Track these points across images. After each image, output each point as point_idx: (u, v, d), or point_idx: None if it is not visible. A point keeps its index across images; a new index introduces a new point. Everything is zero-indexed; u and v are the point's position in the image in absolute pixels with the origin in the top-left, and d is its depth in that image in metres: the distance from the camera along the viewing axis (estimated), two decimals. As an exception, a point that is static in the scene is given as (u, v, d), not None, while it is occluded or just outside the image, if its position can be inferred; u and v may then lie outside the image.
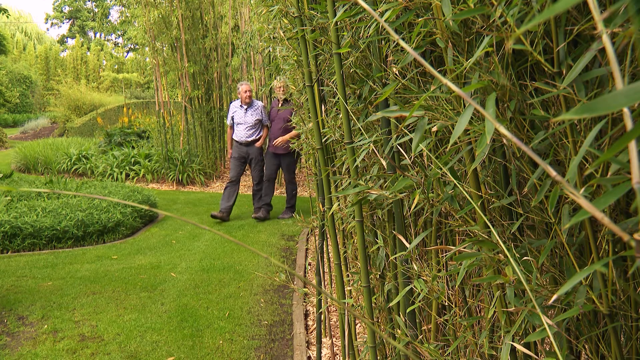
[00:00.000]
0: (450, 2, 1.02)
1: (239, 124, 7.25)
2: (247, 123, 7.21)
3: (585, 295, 0.98)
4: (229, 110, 7.45)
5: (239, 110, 7.26)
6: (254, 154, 7.29)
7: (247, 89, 7.19)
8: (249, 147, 7.28)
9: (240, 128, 7.25)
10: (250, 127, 7.22)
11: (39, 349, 3.49)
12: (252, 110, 7.23)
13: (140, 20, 11.45)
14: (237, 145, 7.33)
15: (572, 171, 0.73)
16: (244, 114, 7.21)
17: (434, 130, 1.18)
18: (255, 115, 7.22)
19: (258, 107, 7.27)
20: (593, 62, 1.00)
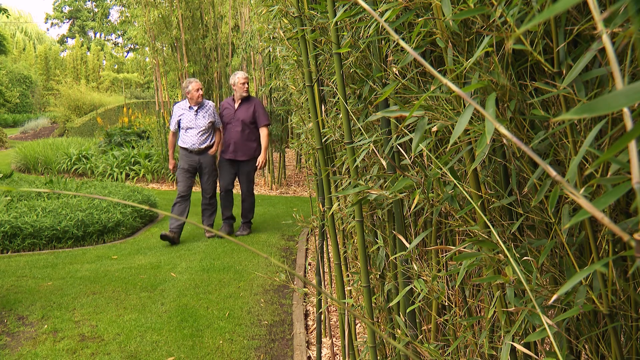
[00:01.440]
0: (450, 2, 1.02)
1: (189, 128, 6.13)
2: (199, 127, 6.13)
3: (585, 295, 0.98)
4: (173, 113, 6.28)
5: (188, 112, 6.14)
6: (207, 163, 6.27)
7: (199, 87, 6.14)
8: (202, 155, 6.23)
9: (191, 133, 6.13)
10: (202, 132, 6.16)
11: (39, 349, 3.49)
12: (203, 112, 6.16)
13: (140, 20, 11.45)
14: (186, 154, 6.20)
15: (572, 171, 0.73)
16: (195, 117, 6.11)
17: (434, 130, 1.18)
18: (208, 118, 6.16)
19: (210, 108, 6.25)
20: (593, 62, 1.00)
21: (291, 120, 7.65)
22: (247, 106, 6.31)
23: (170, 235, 6.07)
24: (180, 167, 6.24)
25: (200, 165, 6.25)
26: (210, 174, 6.32)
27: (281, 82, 6.23)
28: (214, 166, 6.34)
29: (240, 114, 6.26)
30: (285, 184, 10.45)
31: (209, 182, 6.35)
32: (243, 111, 6.27)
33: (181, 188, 6.23)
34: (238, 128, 6.23)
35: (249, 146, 6.30)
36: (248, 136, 6.30)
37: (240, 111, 6.28)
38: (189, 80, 6.19)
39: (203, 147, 6.21)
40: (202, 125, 6.14)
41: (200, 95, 6.13)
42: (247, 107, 6.30)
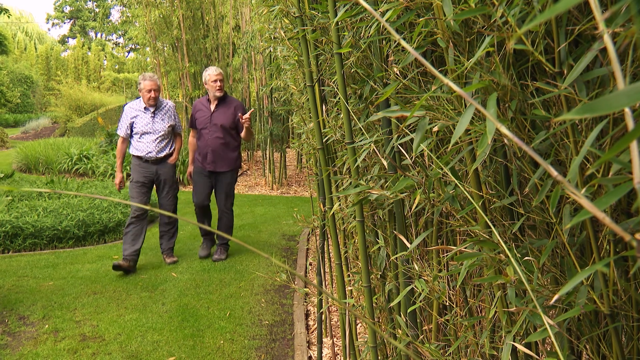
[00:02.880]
0: (452, 2, 1.02)
1: (145, 133, 5.06)
2: (157, 132, 5.07)
3: (586, 295, 0.98)
4: (123, 115, 5.16)
5: (143, 114, 5.06)
6: (166, 174, 5.20)
7: (153, 87, 4.99)
8: (159, 165, 5.15)
9: (147, 140, 5.07)
10: (161, 138, 5.11)
11: (40, 348, 3.49)
12: (161, 114, 5.12)
13: (141, 21, 11.46)
14: (140, 164, 5.12)
15: (573, 171, 0.73)
16: (151, 120, 5.06)
17: (435, 130, 1.18)
18: (167, 121, 5.14)
19: (169, 109, 5.21)
20: (594, 62, 1.00)
21: (292, 120, 7.62)
22: (226, 108, 5.26)
23: (125, 265, 4.95)
24: (134, 181, 5.12)
25: (157, 177, 5.17)
26: (170, 188, 5.26)
27: (282, 82, 6.20)
28: (174, 178, 5.30)
29: (218, 117, 5.24)
30: (286, 184, 10.45)
31: (168, 197, 5.26)
32: (221, 114, 5.25)
33: (135, 206, 5.02)
34: (217, 134, 5.22)
35: (230, 156, 5.32)
36: (228, 144, 5.28)
37: (217, 114, 5.24)
38: (143, 76, 5.06)
39: (162, 156, 5.14)
40: (161, 130, 5.08)
41: (151, 98, 4.99)
42: (225, 110, 5.26)
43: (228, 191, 5.40)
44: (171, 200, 5.30)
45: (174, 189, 5.32)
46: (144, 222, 5.13)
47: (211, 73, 5.21)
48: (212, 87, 5.20)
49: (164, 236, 5.40)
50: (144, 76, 5.08)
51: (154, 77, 5.06)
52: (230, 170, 5.35)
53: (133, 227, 5.08)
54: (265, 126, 10.10)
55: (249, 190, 10.21)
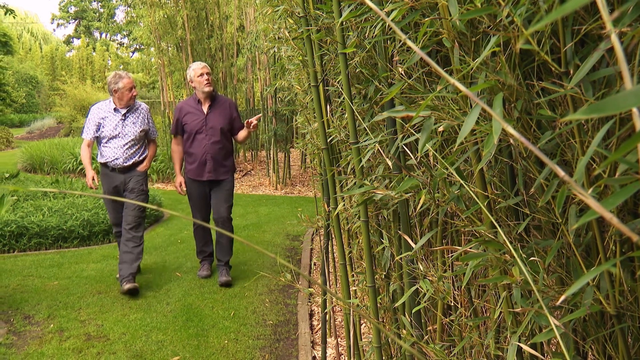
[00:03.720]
0: (457, 2, 1.01)
1: (113, 137, 4.46)
2: (127, 136, 4.48)
3: (592, 296, 0.98)
4: (89, 116, 4.55)
5: (112, 116, 4.47)
6: (135, 182, 4.57)
7: (132, 85, 4.48)
8: (127, 174, 4.55)
9: (114, 145, 4.47)
10: (131, 144, 4.50)
11: (45, 348, 3.50)
12: (133, 117, 4.53)
13: (146, 21, 11.49)
14: (107, 173, 4.55)
15: (579, 171, 0.73)
16: (121, 123, 4.46)
17: (440, 130, 1.18)
18: (140, 125, 4.53)
19: (142, 112, 4.62)
20: (600, 62, 0.99)
21: (296, 120, 7.62)
22: (221, 109, 4.69)
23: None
24: (106, 192, 4.67)
25: (125, 185, 4.58)
26: (136, 197, 4.58)
27: (286, 82, 6.18)
28: (141, 186, 4.61)
29: (215, 119, 4.62)
30: (290, 184, 10.46)
31: (133, 208, 4.51)
32: (217, 116, 4.64)
33: (112, 220, 4.73)
34: (215, 138, 4.62)
35: (229, 161, 4.80)
36: (227, 148, 4.75)
37: (213, 116, 4.63)
38: (119, 75, 4.46)
39: (129, 164, 4.53)
40: (132, 135, 4.48)
41: (133, 97, 4.49)
42: (221, 111, 4.69)
43: (229, 199, 4.82)
44: (136, 212, 4.48)
45: (142, 200, 4.58)
46: None
47: (196, 68, 4.56)
48: (200, 82, 4.55)
49: (126, 255, 4.46)
50: (119, 74, 4.45)
51: (130, 74, 4.55)
52: (230, 176, 4.81)
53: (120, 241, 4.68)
54: (269, 126, 10.10)
55: (252, 190, 10.22)
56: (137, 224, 4.55)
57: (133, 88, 4.50)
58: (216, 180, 4.73)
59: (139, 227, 4.56)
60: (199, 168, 4.67)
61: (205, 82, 4.55)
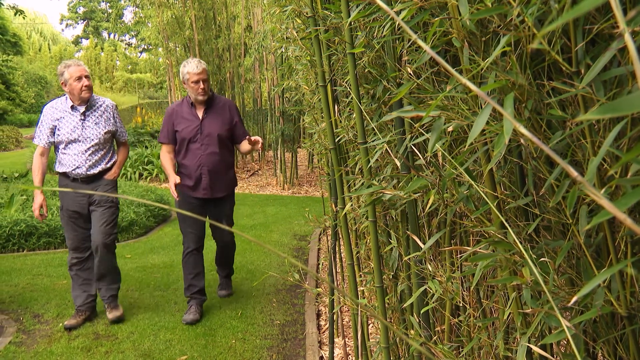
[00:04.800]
0: (467, 2, 1.01)
1: (72, 142, 3.68)
2: (89, 140, 3.70)
3: (603, 297, 0.97)
4: (42, 118, 3.75)
5: (69, 116, 3.70)
6: (102, 195, 3.74)
7: (83, 73, 3.68)
8: (94, 184, 3.77)
9: (74, 150, 3.69)
10: (95, 148, 3.73)
11: (54, 346, 3.53)
12: (95, 116, 3.76)
13: (154, 21, 11.54)
14: (68, 185, 3.78)
15: (591, 172, 0.72)
16: (81, 123, 3.69)
17: (450, 130, 1.18)
18: (104, 125, 3.78)
19: (107, 110, 3.84)
20: (611, 62, 0.99)
21: (303, 120, 7.62)
22: (219, 113, 3.93)
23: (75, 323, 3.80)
24: (64, 209, 3.78)
25: (91, 199, 3.78)
26: (106, 211, 3.78)
27: (293, 82, 6.18)
28: (113, 199, 3.85)
29: (212, 125, 3.86)
30: (297, 183, 10.46)
31: (103, 222, 3.76)
32: (214, 121, 3.88)
33: (73, 242, 3.80)
34: (212, 149, 3.86)
35: (229, 175, 4.04)
36: (226, 160, 3.99)
37: (210, 122, 3.87)
38: (66, 63, 3.71)
39: (95, 172, 3.75)
40: (94, 138, 3.71)
41: (85, 88, 3.65)
42: (218, 114, 3.92)
43: (230, 219, 4.19)
44: (108, 230, 3.76)
45: (112, 213, 3.81)
46: (88, 261, 3.88)
47: (191, 70, 3.76)
48: (194, 89, 3.80)
49: (103, 278, 3.87)
50: (65, 63, 3.69)
51: (81, 62, 3.77)
52: (231, 192, 4.11)
53: (77, 270, 3.86)
54: (276, 126, 10.12)
55: (260, 190, 10.24)
56: (111, 243, 3.81)
57: (84, 77, 3.65)
58: (213, 199, 3.99)
59: (112, 246, 3.84)
60: (193, 184, 3.91)
61: (199, 91, 3.79)
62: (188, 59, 3.88)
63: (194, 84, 3.77)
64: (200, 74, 3.77)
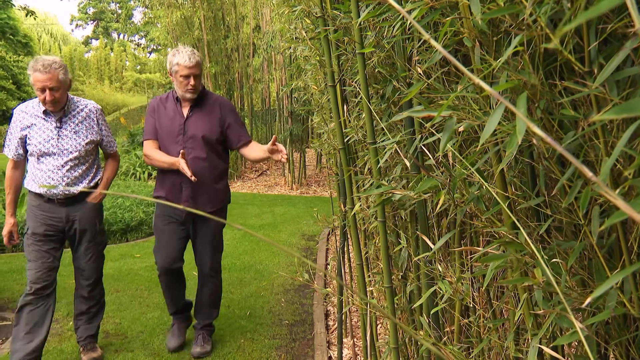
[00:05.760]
0: (479, 1, 1.01)
1: (46, 154, 3.03)
2: (67, 153, 3.05)
3: (616, 298, 0.97)
4: (11, 126, 3.09)
5: (43, 123, 3.04)
6: (86, 219, 3.20)
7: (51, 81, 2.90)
8: (74, 208, 3.15)
9: (49, 165, 3.04)
10: (74, 163, 3.09)
11: (64, 345, 3.55)
12: (74, 123, 3.11)
13: (163, 22, 11.59)
14: (40, 206, 3.11)
15: (605, 172, 0.72)
16: (57, 132, 3.04)
17: (460, 130, 1.17)
18: (85, 133, 3.14)
19: (90, 114, 3.20)
20: (625, 61, 0.98)
21: (312, 120, 7.61)
22: (207, 110, 3.29)
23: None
24: (30, 233, 3.11)
25: (70, 226, 3.17)
26: (92, 242, 3.24)
27: (302, 82, 6.18)
28: (98, 227, 3.30)
29: (197, 125, 3.24)
30: (305, 183, 10.47)
31: (89, 257, 3.26)
32: (201, 120, 3.25)
33: (34, 275, 3.07)
34: (196, 152, 3.21)
35: (219, 187, 3.34)
36: (215, 167, 3.29)
37: (195, 121, 3.24)
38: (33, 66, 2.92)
39: (76, 193, 3.15)
40: (74, 150, 3.07)
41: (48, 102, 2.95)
42: (206, 112, 3.28)
43: (216, 242, 3.42)
44: (94, 262, 3.28)
45: (98, 243, 3.28)
46: (48, 300, 3.12)
47: (182, 62, 3.11)
48: (182, 84, 3.17)
49: (81, 317, 3.36)
50: (33, 65, 2.92)
51: (51, 64, 2.91)
52: (219, 209, 3.36)
53: (30, 311, 3.05)
54: (285, 126, 10.13)
55: (268, 190, 10.26)
56: (95, 280, 3.31)
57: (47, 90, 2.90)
58: (197, 216, 3.31)
59: (96, 284, 3.34)
60: (173, 194, 3.25)
61: (189, 88, 3.17)
62: (179, 47, 3.22)
63: (183, 78, 3.14)
64: (192, 67, 3.13)
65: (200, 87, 3.24)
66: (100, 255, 3.37)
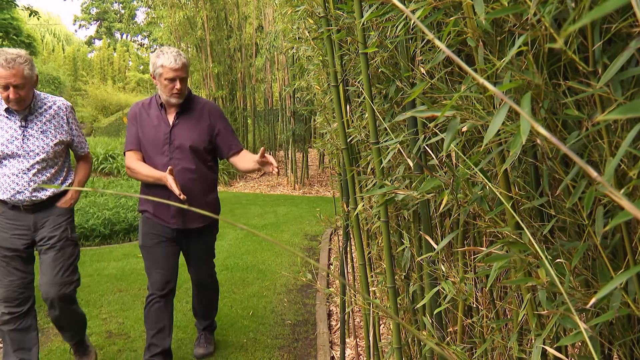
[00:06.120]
0: (483, 1, 1.00)
1: (10, 157, 2.76)
2: (33, 155, 2.78)
3: (620, 299, 0.96)
4: None
5: (5, 122, 2.77)
6: (51, 227, 2.86)
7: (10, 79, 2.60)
8: (41, 215, 2.86)
9: (14, 169, 2.76)
10: (43, 166, 2.82)
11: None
12: (42, 121, 2.84)
13: (166, 22, 11.61)
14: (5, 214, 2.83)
15: (609, 173, 0.72)
16: (20, 131, 2.77)
17: (464, 131, 1.17)
18: (54, 134, 2.86)
19: (59, 112, 2.90)
20: (629, 61, 0.98)
21: (314, 120, 7.60)
22: (195, 119, 3.01)
23: None
24: None
25: (36, 234, 2.84)
26: (61, 252, 2.85)
27: (305, 82, 6.18)
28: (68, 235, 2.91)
29: (184, 134, 2.95)
30: (308, 183, 10.48)
31: (57, 271, 2.83)
32: (188, 128, 2.97)
33: (4, 295, 2.80)
34: (184, 164, 2.93)
35: (209, 199, 3.09)
36: (204, 178, 3.03)
37: (182, 129, 2.96)
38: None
39: (44, 198, 2.83)
40: (41, 152, 2.79)
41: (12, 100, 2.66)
42: (195, 121, 3.00)
43: (210, 254, 3.28)
44: (66, 277, 2.84)
45: (69, 254, 2.88)
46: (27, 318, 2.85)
47: (167, 64, 2.82)
48: (167, 89, 2.88)
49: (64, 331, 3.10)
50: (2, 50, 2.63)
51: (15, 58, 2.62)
52: (210, 223, 3.13)
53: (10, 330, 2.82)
54: (287, 126, 10.13)
55: (271, 190, 10.27)
56: (71, 293, 2.88)
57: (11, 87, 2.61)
58: (187, 230, 3.06)
59: (72, 296, 2.92)
60: (160, 209, 3.00)
61: (175, 93, 2.88)
62: (164, 48, 2.92)
63: (168, 81, 2.85)
64: (178, 70, 2.83)
65: (186, 91, 2.96)
66: (72, 268, 2.89)
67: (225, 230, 6.80)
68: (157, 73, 2.89)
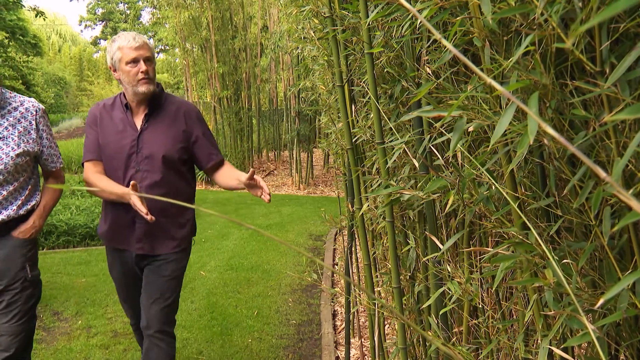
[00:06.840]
0: (490, 0, 1.00)
1: None
2: None
3: (627, 299, 0.96)
4: None
5: None
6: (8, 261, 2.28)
7: None
8: None
9: None
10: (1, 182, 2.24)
11: (74, 344, 3.57)
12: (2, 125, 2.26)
13: (171, 22, 11.64)
14: None
15: (617, 173, 0.71)
16: None
17: (470, 130, 1.17)
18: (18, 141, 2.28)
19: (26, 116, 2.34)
20: (637, 61, 0.97)
21: (319, 120, 7.60)
22: (168, 120, 2.45)
23: None
24: None
25: None
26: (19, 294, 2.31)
27: (310, 82, 6.17)
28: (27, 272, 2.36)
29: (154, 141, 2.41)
30: (312, 183, 10.48)
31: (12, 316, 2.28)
32: (159, 133, 2.42)
33: None
34: (154, 178, 2.39)
35: (180, 221, 2.51)
36: (178, 195, 2.47)
37: (152, 135, 2.42)
38: None
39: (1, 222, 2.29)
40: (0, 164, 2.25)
41: None
42: (168, 125, 2.44)
43: (169, 295, 2.45)
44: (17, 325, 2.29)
45: (26, 297, 2.34)
46: None
47: (124, 44, 2.30)
48: (131, 75, 2.32)
49: None
50: None
51: None
52: (181, 249, 2.51)
53: None
54: (292, 126, 10.14)
55: (275, 190, 10.27)
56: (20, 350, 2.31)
57: None
58: (154, 257, 2.47)
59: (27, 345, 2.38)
60: (121, 231, 2.47)
61: (141, 78, 2.32)
62: (120, 32, 2.42)
63: (130, 65, 2.31)
64: (139, 48, 2.31)
65: (154, 75, 2.39)
66: (29, 315, 2.32)
67: (230, 230, 6.81)
68: (116, 60, 2.34)
